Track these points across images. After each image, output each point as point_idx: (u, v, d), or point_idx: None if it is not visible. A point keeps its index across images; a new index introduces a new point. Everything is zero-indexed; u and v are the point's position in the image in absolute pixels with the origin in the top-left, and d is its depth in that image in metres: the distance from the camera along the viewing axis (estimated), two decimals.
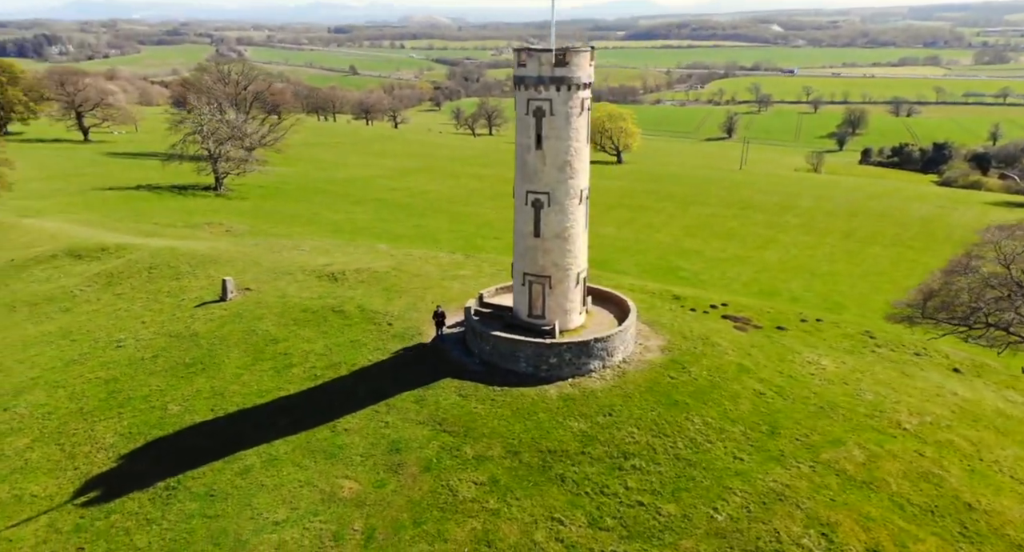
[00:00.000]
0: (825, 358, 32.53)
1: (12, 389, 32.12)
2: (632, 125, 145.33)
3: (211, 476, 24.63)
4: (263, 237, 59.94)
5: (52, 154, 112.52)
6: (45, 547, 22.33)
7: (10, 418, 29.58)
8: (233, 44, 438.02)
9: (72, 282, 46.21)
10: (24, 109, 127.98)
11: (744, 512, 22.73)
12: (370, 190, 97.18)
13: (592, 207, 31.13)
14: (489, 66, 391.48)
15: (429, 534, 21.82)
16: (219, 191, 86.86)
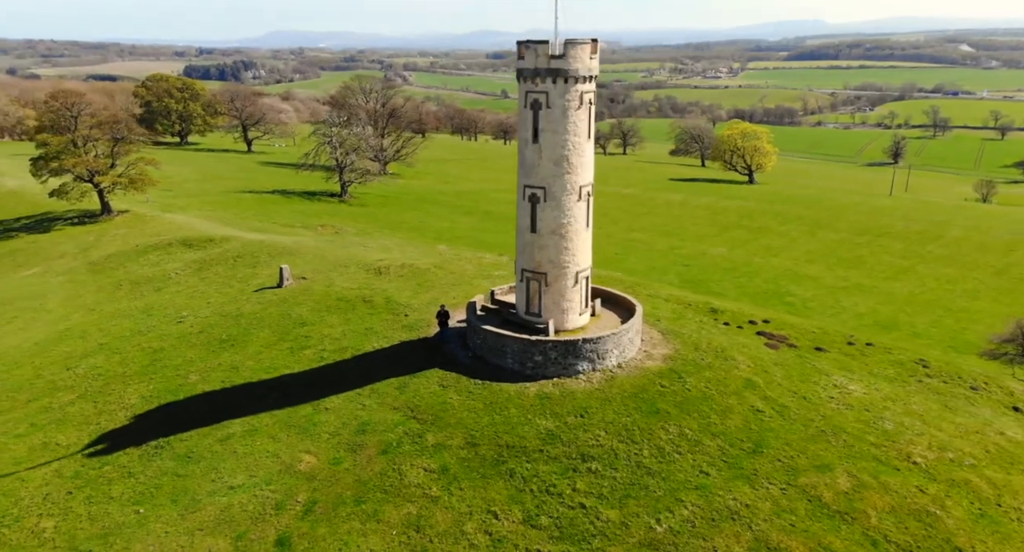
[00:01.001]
0: (856, 383, 29.66)
1: (82, 352, 36.31)
2: (767, 144, 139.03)
3: (196, 440, 26.52)
4: (354, 236, 63.34)
5: (215, 161, 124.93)
6: (46, 488, 24.99)
7: (68, 376, 33.46)
8: (400, 69, 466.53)
9: (173, 266, 51.37)
10: (202, 122, 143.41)
11: (688, 526, 21.32)
12: (481, 202, 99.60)
13: (706, 226, 30.66)
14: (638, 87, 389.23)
15: (365, 513, 22.24)
16: (343, 198, 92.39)
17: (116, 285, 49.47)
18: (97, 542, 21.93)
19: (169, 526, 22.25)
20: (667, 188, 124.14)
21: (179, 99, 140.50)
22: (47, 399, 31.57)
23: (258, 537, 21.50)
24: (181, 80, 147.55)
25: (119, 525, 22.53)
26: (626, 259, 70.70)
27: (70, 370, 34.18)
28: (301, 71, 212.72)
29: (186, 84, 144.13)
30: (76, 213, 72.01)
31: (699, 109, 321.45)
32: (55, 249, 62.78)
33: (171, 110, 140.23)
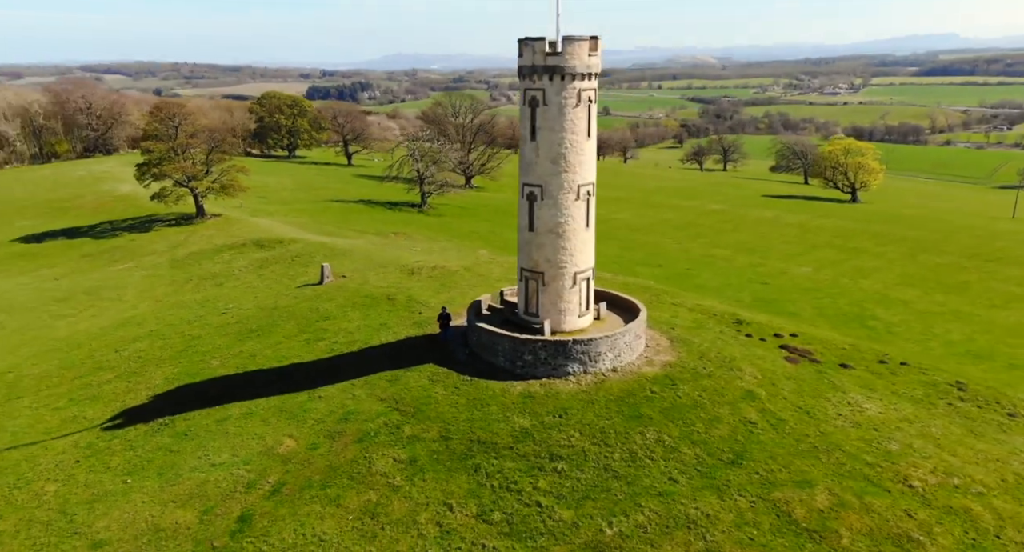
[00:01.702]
0: (874, 402, 27.65)
1: (133, 337, 39.18)
2: (873, 161, 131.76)
3: (197, 420, 28.01)
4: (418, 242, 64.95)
5: (314, 173, 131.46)
6: (61, 456, 27.02)
7: (114, 358, 36.16)
8: (504, 89, 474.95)
9: (240, 264, 54.54)
10: (308, 137, 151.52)
11: (639, 531, 20.57)
12: None
13: (794, 245, 30.15)
14: (747, 103, 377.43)
15: (328, 497, 22.73)
16: (422, 208, 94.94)
17: (187, 280, 53.03)
18: (83, 507, 23.56)
19: (147, 496, 23.61)
20: (759, 205, 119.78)
21: (288, 115, 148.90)
22: (90, 377, 34.27)
23: (223, 513, 22.44)
24: (291, 98, 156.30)
25: (107, 493, 24.12)
26: (699, 275, 68.64)
27: (117, 352, 36.95)
28: (412, 91, 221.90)
29: (295, 101, 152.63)
30: (174, 215, 77.65)
31: (813, 126, 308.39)
32: (149, 247, 67.95)
33: (281, 125, 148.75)
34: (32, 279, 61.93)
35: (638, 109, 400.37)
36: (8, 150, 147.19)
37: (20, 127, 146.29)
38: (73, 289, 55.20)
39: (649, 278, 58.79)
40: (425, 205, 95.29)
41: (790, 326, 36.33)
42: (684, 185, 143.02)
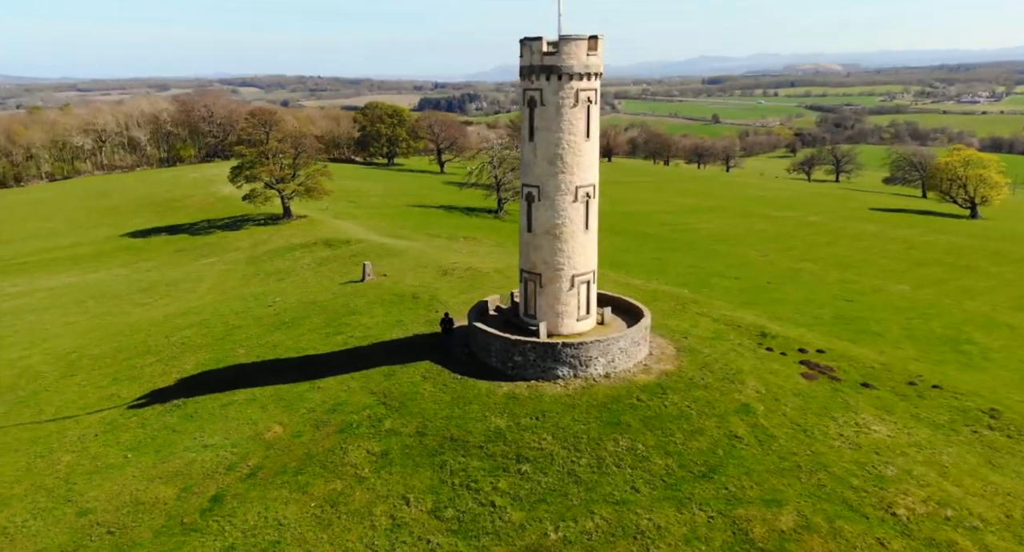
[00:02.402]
0: (886, 424, 25.68)
1: (185, 325, 41.85)
2: (996, 174, 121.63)
3: (204, 403, 29.65)
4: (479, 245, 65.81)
5: (406, 179, 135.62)
6: (86, 430, 29.18)
7: (163, 343, 38.77)
8: (610, 98, 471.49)
9: (305, 261, 57.21)
10: (406, 145, 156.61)
11: (583, 538, 20.08)
12: (639, 223, 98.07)
13: (895, 261, 29.50)
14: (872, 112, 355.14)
15: (297, 484, 23.48)
16: (498, 214, 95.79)
17: (255, 274, 56.15)
18: (84, 477, 25.45)
19: (140, 471, 25.22)
20: (862, 218, 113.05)
21: (388, 124, 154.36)
22: (136, 360, 36.97)
23: (199, 491, 23.63)
24: (393, 108, 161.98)
25: (108, 466, 25.96)
26: (780, 289, 65.67)
27: (167, 338, 39.66)
28: (518, 102, 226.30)
29: (396, 111, 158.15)
30: (264, 216, 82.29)
31: (945, 136, 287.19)
32: (235, 244, 72.37)
33: (381, 134, 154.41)
34: (129, 270, 67.36)
35: (750, 117, 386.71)
36: (139, 154, 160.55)
37: (150, 133, 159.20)
38: (158, 280, 59.62)
39: (722, 290, 56.93)
40: (501, 211, 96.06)
41: (819, 341, 34.20)
42: (784, 195, 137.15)
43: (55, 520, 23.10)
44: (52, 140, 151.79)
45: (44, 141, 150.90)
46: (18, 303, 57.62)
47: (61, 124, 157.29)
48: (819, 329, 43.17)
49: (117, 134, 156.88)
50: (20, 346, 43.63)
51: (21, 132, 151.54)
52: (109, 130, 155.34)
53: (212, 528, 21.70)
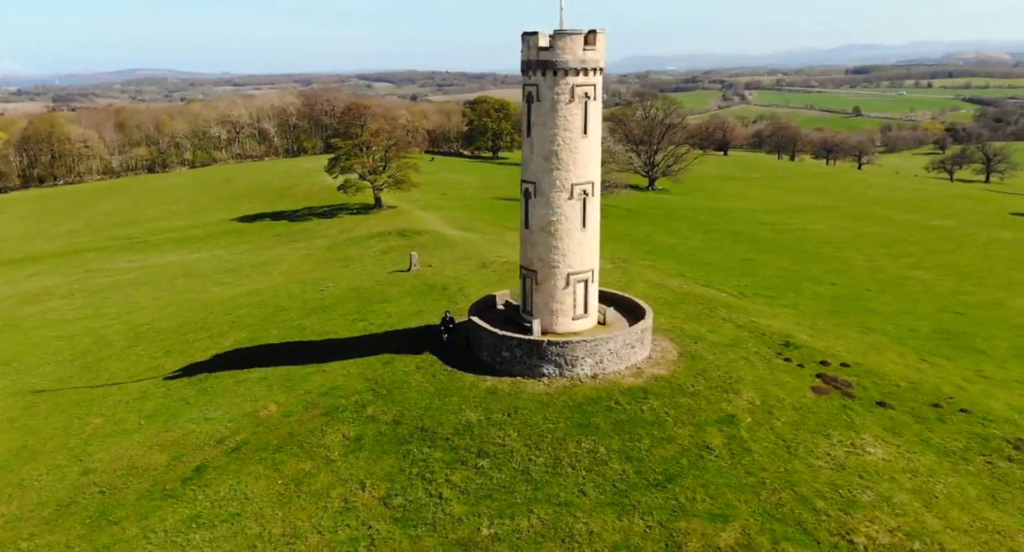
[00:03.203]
0: (886, 446, 23.80)
1: (245, 304, 44.55)
2: None
3: (222, 379, 31.65)
4: None
5: (503, 173, 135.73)
6: (124, 396, 31.80)
7: (219, 321, 41.45)
8: (740, 88, 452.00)
9: (375, 250, 59.49)
10: (510, 139, 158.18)
11: (513, 536, 20.08)
12: (736, 221, 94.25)
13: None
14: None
15: (273, 461, 24.60)
16: None
17: (328, 260, 59.06)
18: (99, 440, 27.96)
19: (144, 438, 27.41)
20: (1000, 223, 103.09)
21: (495, 118, 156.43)
22: (191, 335, 40.03)
23: (187, 461, 25.37)
24: (500, 102, 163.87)
25: (123, 431, 28.43)
26: (878, 298, 61.42)
27: (225, 316, 42.60)
28: (640, 93, 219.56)
29: (502, 105, 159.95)
30: (358, 205, 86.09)
31: None
32: (324, 231, 76.29)
33: (488, 128, 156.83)
34: (226, 252, 72.61)
35: (897, 110, 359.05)
36: (268, 144, 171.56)
37: (277, 125, 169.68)
38: (245, 263, 63.96)
39: (810, 296, 54.02)
40: None
41: (849, 355, 31.82)
42: (913, 196, 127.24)
43: (62, 476, 25.68)
44: (193, 130, 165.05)
45: (187, 131, 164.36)
46: (125, 278, 63.65)
47: (202, 116, 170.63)
48: (911, 342, 40.33)
49: (249, 126, 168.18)
50: (107, 317, 48.33)
51: (168, 123, 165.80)
52: (242, 122, 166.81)
53: (187, 496, 23.35)
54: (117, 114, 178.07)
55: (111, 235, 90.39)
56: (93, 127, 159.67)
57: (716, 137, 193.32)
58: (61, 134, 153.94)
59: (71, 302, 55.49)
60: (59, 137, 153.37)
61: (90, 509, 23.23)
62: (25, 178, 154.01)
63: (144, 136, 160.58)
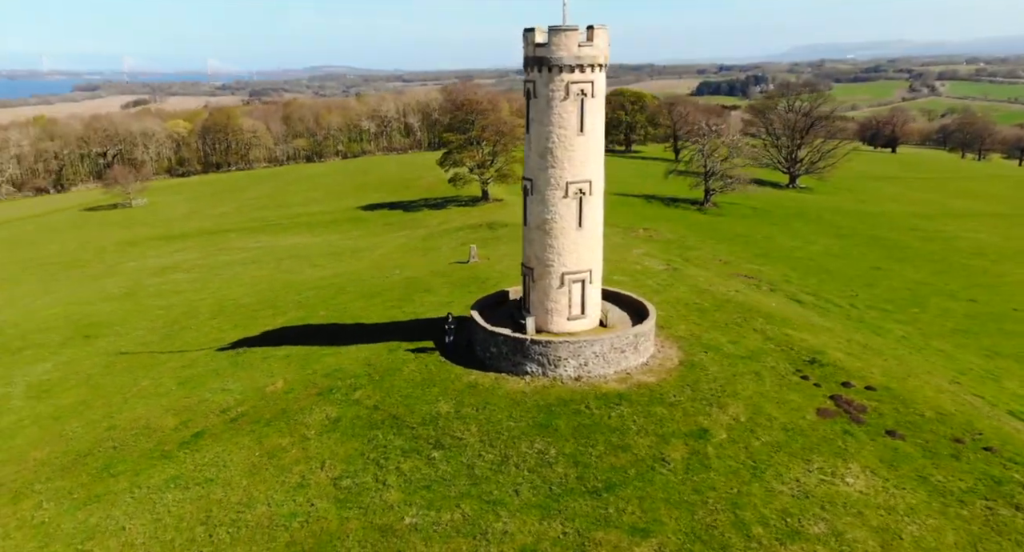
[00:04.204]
0: (869, 479, 21.70)
1: (313, 286, 47.46)
2: None
3: (254, 354, 33.88)
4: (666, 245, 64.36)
5: (627, 167, 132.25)
6: (179, 363, 35.10)
7: (286, 301, 44.25)
8: (931, 79, 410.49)
9: (459, 240, 61.01)
10: (644, 132, 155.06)
11: (432, 528, 20.43)
12: (877, 226, 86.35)
13: None
14: None
15: (259, 434, 26.03)
16: (703, 206, 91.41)
17: (415, 248, 61.35)
18: (135, 400, 31.02)
19: (167, 402, 30.05)
20: None
21: (629, 111, 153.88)
22: (260, 312, 43.14)
23: (192, 426, 27.58)
24: (636, 93, 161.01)
25: (155, 394, 31.44)
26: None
27: (295, 296, 45.48)
28: (812, 84, 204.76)
29: (638, 97, 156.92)
30: (468, 198, 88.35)
31: None
32: (428, 221, 79.21)
33: (621, 121, 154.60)
34: (338, 237, 77.34)
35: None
36: (412, 138, 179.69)
37: (421, 120, 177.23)
38: (347, 248, 67.88)
39: (937, 313, 49.95)
40: (708, 203, 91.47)
41: (880, 378, 28.76)
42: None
43: (91, 430, 28.99)
44: (346, 123, 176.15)
45: (340, 124, 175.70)
46: (243, 256, 69.62)
47: (355, 110, 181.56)
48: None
49: (396, 120, 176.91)
50: (208, 291, 53.28)
51: (326, 116, 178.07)
52: (390, 117, 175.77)
53: (178, 458, 25.62)
54: (284, 108, 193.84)
55: (252, 217, 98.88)
56: (262, 119, 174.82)
57: (885, 132, 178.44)
58: (235, 125, 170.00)
59: (189, 276, 61.66)
60: (233, 128, 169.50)
61: (100, 461, 26.15)
62: (205, 164, 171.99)
63: (305, 128, 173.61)
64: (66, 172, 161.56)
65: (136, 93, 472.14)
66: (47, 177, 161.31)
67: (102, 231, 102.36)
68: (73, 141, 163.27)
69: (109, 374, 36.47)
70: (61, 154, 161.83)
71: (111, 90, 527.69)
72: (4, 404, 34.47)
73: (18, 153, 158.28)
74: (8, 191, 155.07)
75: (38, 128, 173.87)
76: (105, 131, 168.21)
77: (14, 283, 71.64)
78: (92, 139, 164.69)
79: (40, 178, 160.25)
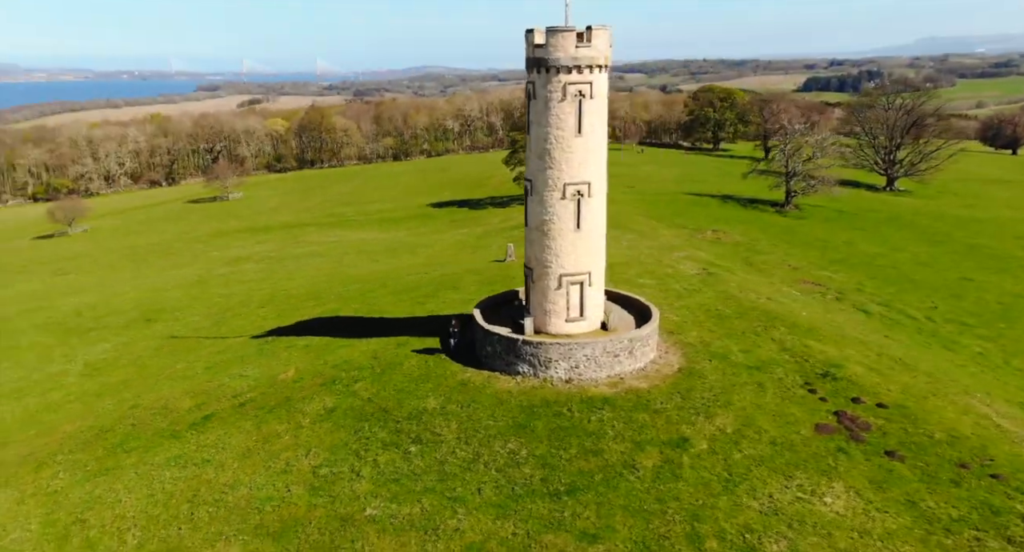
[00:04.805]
0: (850, 500, 20.61)
1: (356, 279, 49.12)
2: None
3: (280, 343, 35.25)
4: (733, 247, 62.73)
5: (709, 166, 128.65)
6: (215, 348, 37.00)
7: (332, 292, 45.58)
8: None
9: (506, 240, 61.33)
10: (733, 130, 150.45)
11: (388, 520, 20.92)
12: (979, 233, 79.33)
13: None
14: None
15: (259, 419, 27.02)
16: (784, 208, 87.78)
17: (467, 246, 62.15)
18: (163, 382, 32.97)
19: (189, 385, 31.69)
20: None
21: (718, 108, 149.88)
22: (304, 303, 44.76)
23: (204, 409, 28.91)
24: (726, 91, 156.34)
25: (183, 376, 33.27)
26: None
27: (340, 289, 47.03)
28: (933, 79, 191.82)
29: (728, 94, 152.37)
30: None
31: None
32: (489, 219, 79.92)
33: (709, 119, 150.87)
34: (404, 233, 79.27)
35: None
36: (494, 137, 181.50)
37: (503, 119, 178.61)
38: (406, 244, 69.53)
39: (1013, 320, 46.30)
40: (788, 205, 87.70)
41: (900, 397, 26.92)
42: None
43: (118, 407, 31.07)
44: (431, 123, 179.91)
45: (426, 124, 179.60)
46: (312, 250, 72.50)
47: (441, 110, 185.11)
48: None
49: (479, 119, 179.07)
50: (268, 281, 55.81)
51: (413, 116, 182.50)
52: (473, 116, 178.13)
53: (184, 438, 27.10)
54: (375, 107, 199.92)
55: (331, 213, 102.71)
56: (354, 119, 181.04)
57: (1006, 132, 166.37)
58: (328, 124, 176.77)
59: (257, 266, 64.86)
60: (326, 127, 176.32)
61: (118, 437, 28.05)
62: (300, 161, 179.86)
63: (393, 127, 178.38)
64: (177, 166, 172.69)
65: (251, 93, 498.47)
66: (160, 171, 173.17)
67: (199, 222, 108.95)
68: (183, 137, 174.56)
69: (156, 356, 39.00)
70: (173, 149, 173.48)
71: (230, 90, 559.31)
72: (60, 380, 37.55)
73: (135, 148, 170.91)
74: (126, 183, 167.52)
75: (154, 125, 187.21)
76: (211, 128, 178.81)
77: (111, 269, 77.48)
78: (200, 136, 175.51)
79: (154, 171, 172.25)
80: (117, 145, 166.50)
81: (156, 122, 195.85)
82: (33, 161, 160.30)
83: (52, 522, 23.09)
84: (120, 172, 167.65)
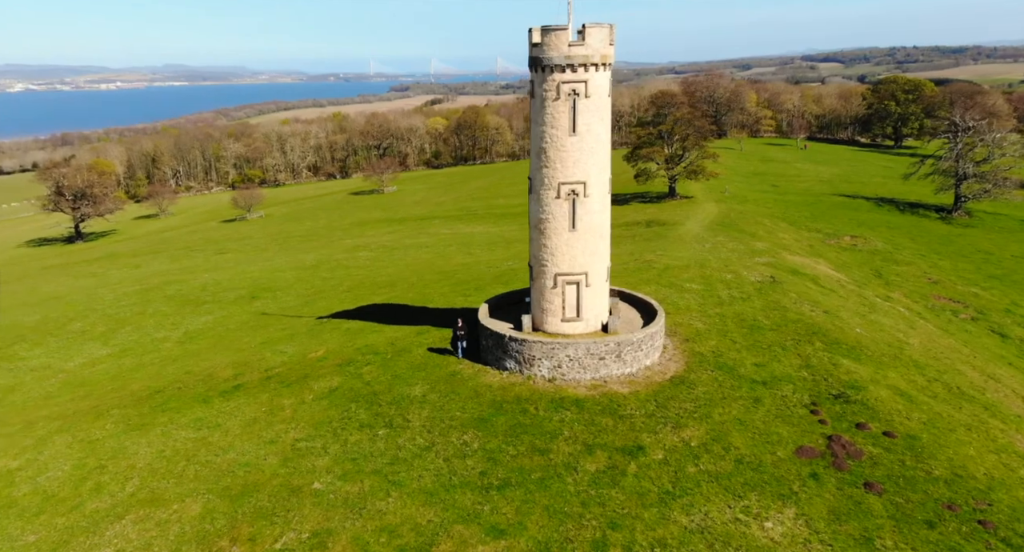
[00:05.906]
0: (795, 530, 19.15)
1: (436, 270, 50.86)
2: None
3: (331, 325, 37.47)
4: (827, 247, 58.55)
5: (881, 164, 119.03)
6: (285, 326, 39.99)
7: (403, 281, 47.97)
8: None
9: None
10: (918, 126, 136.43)
11: (329, 496, 22.06)
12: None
13: None
14: None
15: (274, 392, 29.02)
16: (951, 214, 79.14)
17: (509, 240, 62.52)
18: (221, 351, 36.28)
19: (235, 356, 34.58)
20: None
21: (902, 102, 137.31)
22: (378, 289, 47.09)
23: (239, 379, 31.35)
24: (912, 82, 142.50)
25: (242, 348, 36.36)
26: None
27: (415, 278, 49.04)
28: None
29: (914, 86, 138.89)
30: (656, 194, 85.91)
31: None
32: None
33: (891, 112, 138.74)
34: (513, 228, 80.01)
35: None
36: None
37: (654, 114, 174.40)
38: (506, 238, 70.32)
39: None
40: (957, 211, 78.95)
41: (943, 437, 23.78)
42: None
43: (178, 371, 34.73)
44: None
45: None
46: (425, 241, 75.52)
47: None
48: None
49: (628, 115, 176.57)
50: (369, 268, 59.12)
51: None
52: (622, 111, 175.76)
53: (212, 403, 29.84)
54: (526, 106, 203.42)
55: (459, 207, 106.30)
56: (506, 118, 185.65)
57: None
58: (482, 122, 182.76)
59: (370, 254, 68.82)
60: (480, 125, 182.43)
61: (163, 398, 31.48)
62: (456, 157, 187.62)
63: None
64: (350, 161, 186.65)
65: (436, 93, 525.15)
66: (336, 165, 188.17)
67: (349, 212, 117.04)
68: (357, 134, 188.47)
69: (240, 329, 42.99)
70: (347, 145, 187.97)
71: (418, 90, 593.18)
72: (159, 345, 42.56)
73: (316, 143, 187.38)
74: (307, 175, 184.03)
75: (334, 123, 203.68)
76: (380, 127, 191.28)
77: (259, 251, 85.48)
78: (370, 133, 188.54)
79: (331, 165, 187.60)
80: (301, 141, 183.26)
81: (336, 120, 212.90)
82: (234, 154, 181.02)
83: (82, 466, 26.52)
84: (303, 165, 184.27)
